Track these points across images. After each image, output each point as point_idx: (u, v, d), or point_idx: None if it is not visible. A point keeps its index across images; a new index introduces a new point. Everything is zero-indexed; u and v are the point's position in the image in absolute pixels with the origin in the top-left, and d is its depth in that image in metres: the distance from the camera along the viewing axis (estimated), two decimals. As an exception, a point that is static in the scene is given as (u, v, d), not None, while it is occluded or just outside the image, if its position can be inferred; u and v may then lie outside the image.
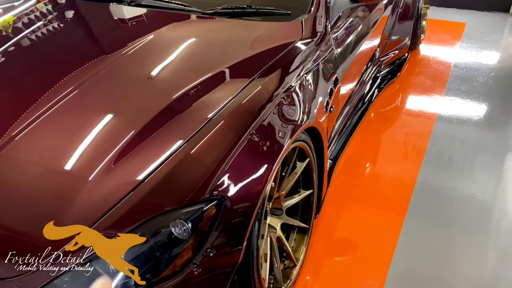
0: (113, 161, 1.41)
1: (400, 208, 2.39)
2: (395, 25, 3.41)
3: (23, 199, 1.36)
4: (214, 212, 1.33)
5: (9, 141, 1.49)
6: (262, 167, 1.46)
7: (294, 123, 1.66)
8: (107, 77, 1.77)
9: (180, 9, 2.19)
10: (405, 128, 3.12)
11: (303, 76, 1.85)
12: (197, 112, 1.57)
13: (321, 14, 2.17)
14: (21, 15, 2.35)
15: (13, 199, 1.37)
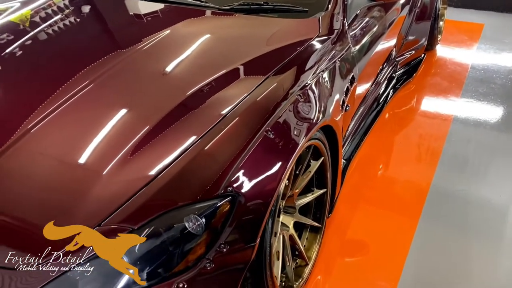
0: (127, 155, 1.41)
1: (414, 210, 2.36)
2: (412, 25, 3.37)
3: (38, 191, 1.37)
4: (228, 208, 1.32)
5: (25, 133, 1.50)
6: (276, 164, 1.45)
7: (309, 121, 1.65)
8: (123, 72, 1.77)
9: (197, 4, 2.18)
10: (420, 130, 3.08)
11: (319, 74, 1.83)
12: (212, 108, 1.56)
13: (339, 12, 2.15)
14: (38, 9, 2.37)
15: (28, 191, 1.37)
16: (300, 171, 1.71)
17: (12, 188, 1.39)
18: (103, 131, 1.51)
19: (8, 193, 1.38)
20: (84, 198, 1.31)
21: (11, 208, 1.34)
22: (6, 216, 1.33)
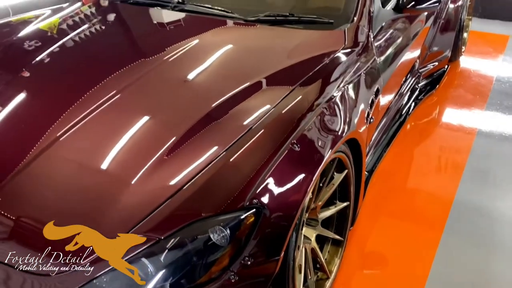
0: (155, 165, 1.42)
1: (437, 224, 2.32)
2: (436, 36, 3.34)
3: (66, 198, 1.38)
4: (252, 220, 1.32)
5: (55, 140, 1.52)
6: (302, 177, 1.44)
7: (335, 134, 1.64)
8: (150, 81, 1.79)
9: (223, 15, 2.20)
10: (443, 143, 3.04)
11: (344, 86, 1.83)
12: (238, 120, 1.57)
13: (364, 24, 2.14)
14: (66, 17, 2.41)
15: (56, 198, 1.39)
16: (323, 184, 1.70)
17: (40, 195, 1.41)
18: (130, 140, 1.53)
19: (36, 199, 1.40)
20: (112, 207, 1.33)
21: (39, 214, 1.36)
22: (34, 221, 1.35)
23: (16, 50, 2.16)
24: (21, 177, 1.43)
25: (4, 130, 1.63)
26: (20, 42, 2.19)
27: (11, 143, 1.58)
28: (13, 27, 2.36)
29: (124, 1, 2.48)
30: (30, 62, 1.99)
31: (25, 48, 2.15)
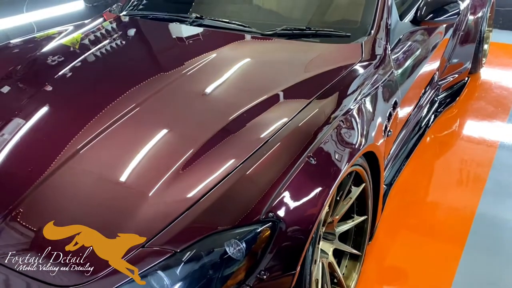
0: (172, 178, 1.43)
1: (458, 239, 2.27)
2: (455, 48, 3.31)
3: (86, 210, 1.40)
4: (268, 234, 1.32)
5: (76, 153, 1.55)
6: (318, 191, 1.43)
7: (352, 147, 1.63)
8: (169, 95, 1.81)
9: (240, 29, 2.22)
10: (464, 155, 2.98)
11: (362, 99, 1.82)
12: (255, 133, 1.57)
13: (382, 37, 2.14)
14: (88, 33, 2.47)
15: (76, 209, 1.41)
16: (341, 197, 1.69)
17: (61, 206, 1.43)
18: (149, 153, 1.55)
19: (57, 211, 1.42)
20: (130, 219, 1.34)
21: (58, 223, 1.38)
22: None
23: (39, 65, 2.22)
24: (43, 189, 1.46)
25: (28, 142, 1.67)
26: (44, 57, 2.25)
27: (34, 155, 1.61)
28: (37, 43, 2.43)
29: (143, 17, 2.53)
30: (53, 77, 2.04)
31: (48, 63, 2.21)
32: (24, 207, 1.40)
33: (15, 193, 1.45)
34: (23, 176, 1.52)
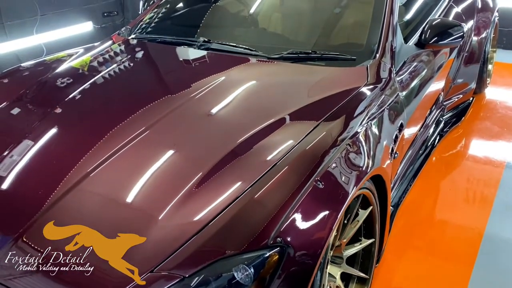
0: (180, 201, 1.44)
1: (467, 260, 2.26)
2: (460, 69, 3.33)
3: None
4: (276, 259, 1.32)
5: (86, 175, 1.57)
6: (326, 215, 1.44)
7: (359, 170, 1.64)
8: (177, 118, 1.84)
9: (247, 53, 2.26)
10: (471, 176, 2.98)
11: (368, 123, 1.84)
12: (263, 156, 1.59)
13: (387, 60, 2.16)
14: (97, 55, 2.51)
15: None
16: (348, 221, 1.69)
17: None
18: (157, 176, 1.56)
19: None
20: (136, 249, 1.33)
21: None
22: None
23: (50, 88, 2.25)
24: (53, 212, 1.47)
25: (38, 165, 1.69)
26: (54, 80, 2.29)
27: (44, 177, 1.62)
28: (48, 66, 2.47)
29: (152, 40, 2.58)
30: (63, 99, 2.07)
31: (58, 86, 2.24)
32: (34, 229, 1.41)
33: (25, 215, 1.46)
34: (33, 198, 1.53)
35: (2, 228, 1.44)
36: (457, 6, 3.23)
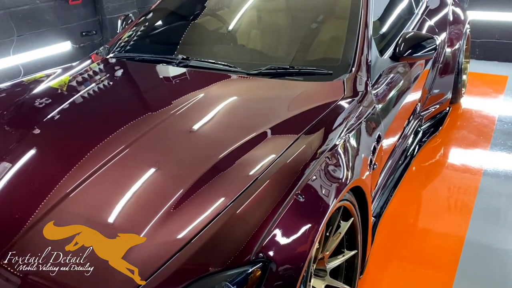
0: (162, 219, 1.44)
1: (449, 268, 2.29)
2: (435, 80, 3.41)
3: None
4: (259, 274, 1.32)
5: (65, 196, 1.55)
6: (308, 228, 1.45)
7: (339, 182, 1.66)
8: (158, 136, 1.83)
9: (226, 69, 2.28)
10: (450, 184, 3.03)
11: (346, 135, 1.86)
12: (244, 171, 1.60)
13: (362, 73, 2.20)
14: (76, 75, 2.50)
15: None
16: (330, 233, 1.70)
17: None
18: (138, 194, 1.55)
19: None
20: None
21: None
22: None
23: (28, 108, 2.23)
24: (30, 235, 1.45)
25: (15, 187, 1.67)
26: (32, 101, 2.27)
27: (22, 199, 1.60)
28: (25, 87, 2.45)
29: (130, 59, 2.58)
30: (41, 120, 2.05)
31: (36, 106, 2.22)
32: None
33: (2, 238, 1.44)
34: (10, 222, 1.51)
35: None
36: (430, 19, 3.32)
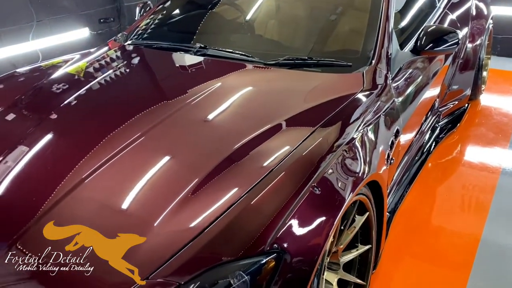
0: (176, 208, 1.43)
1: (464, 267, 2.25)
2: (455, 75, 3.35)
3: None
4: (273, 265, 1.31)
5: (81, 182, 1.56)
6: (323, 221, 1.43)
7: (356, 176, 1.64)
8: (173, 125, 1.83)
9: (243, 59, 2.26)
10: (467, 182, 2.98)
11: (364, 128, 1.84)
12: (259, 162, 1.58)
13: (382, 66, 2.17)
14: (93, 61, 2.51)
15: None
16: (345, 227, 1.69)
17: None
18: (153, 182, 1.56)
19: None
20: (134, 249, 1.33)
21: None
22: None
23: (45, 94, 2.24)
24: (47, 219, 1.46)
25: (32, 171, 1.68)
26: (49, 86, 2.28)
27: (38, 184, 1.61)
28: (43, 72, 2.46)
29: (148, 46, 2.58)
30: (58, 105, 2.06)
31: (53, 92, 2.23)
32: (27, 237, 1.39)
33: (18, 222, 1.45)
34: (27, 205, 1.52)
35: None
36: (452, 13, 3.25)
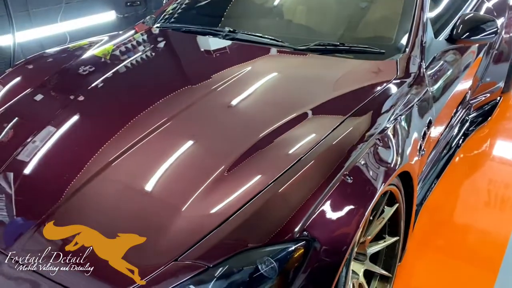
0: (204, 193, 1.42)
1: (492, 264, 2.19)
2: (488, 67, 3.24)
3: (118, 224, 1.39)
4: (302, 253, 1.29)
5: (108, 164, 1.56)
6: (354, 210, 1.40)
7: (388, 167, 1.59)
8: (201, 109, 1.81)
9: (272, 44, 2.22)
10: (496, 177, 2.90)
11: (397, 118, 1.79)
12: (288, 150, 1.55)
13: (416, 54, 2.10)
14: (120, 44, 2.50)
15: (108, 222, 1.40)
16: (374, 217, 1.65)
17: (92, 218, 1.42)
18: (180, 167, 1.55)
19: (88, 222, 1.42)
20: (163, 232, 1.33)
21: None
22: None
23: (72, 75, 2.25)
24: (75, 199, 1.46)
25: (60, 152, 1.69)
26: (77, 68, 2.28)
27: (66, 165, 1.62)
28: (71, 53, 2.47)
29: (176, 29, 2.56)
30: (86, 87, 2.06)
31: (81, 73, 2.24)
32: (57, 216, 1.40)
33: (48, 201, 1.46)
34: (56, 185, 1.53)
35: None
36: (488, 1, 3.13)
